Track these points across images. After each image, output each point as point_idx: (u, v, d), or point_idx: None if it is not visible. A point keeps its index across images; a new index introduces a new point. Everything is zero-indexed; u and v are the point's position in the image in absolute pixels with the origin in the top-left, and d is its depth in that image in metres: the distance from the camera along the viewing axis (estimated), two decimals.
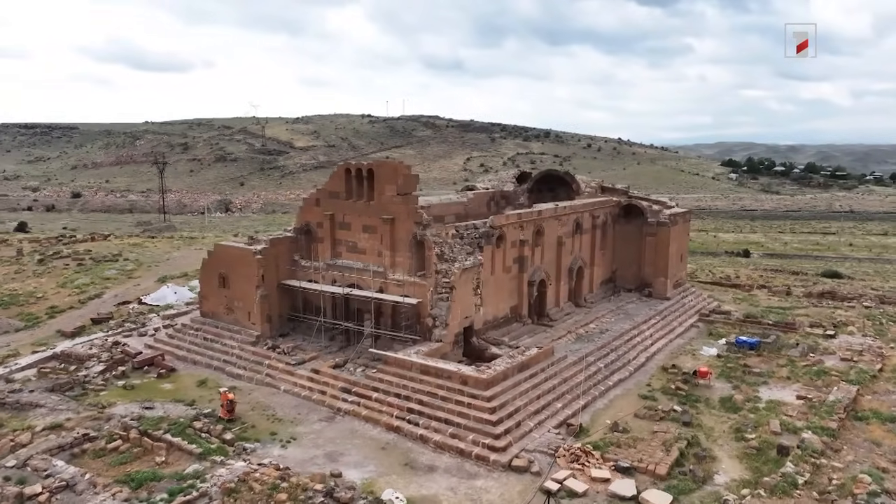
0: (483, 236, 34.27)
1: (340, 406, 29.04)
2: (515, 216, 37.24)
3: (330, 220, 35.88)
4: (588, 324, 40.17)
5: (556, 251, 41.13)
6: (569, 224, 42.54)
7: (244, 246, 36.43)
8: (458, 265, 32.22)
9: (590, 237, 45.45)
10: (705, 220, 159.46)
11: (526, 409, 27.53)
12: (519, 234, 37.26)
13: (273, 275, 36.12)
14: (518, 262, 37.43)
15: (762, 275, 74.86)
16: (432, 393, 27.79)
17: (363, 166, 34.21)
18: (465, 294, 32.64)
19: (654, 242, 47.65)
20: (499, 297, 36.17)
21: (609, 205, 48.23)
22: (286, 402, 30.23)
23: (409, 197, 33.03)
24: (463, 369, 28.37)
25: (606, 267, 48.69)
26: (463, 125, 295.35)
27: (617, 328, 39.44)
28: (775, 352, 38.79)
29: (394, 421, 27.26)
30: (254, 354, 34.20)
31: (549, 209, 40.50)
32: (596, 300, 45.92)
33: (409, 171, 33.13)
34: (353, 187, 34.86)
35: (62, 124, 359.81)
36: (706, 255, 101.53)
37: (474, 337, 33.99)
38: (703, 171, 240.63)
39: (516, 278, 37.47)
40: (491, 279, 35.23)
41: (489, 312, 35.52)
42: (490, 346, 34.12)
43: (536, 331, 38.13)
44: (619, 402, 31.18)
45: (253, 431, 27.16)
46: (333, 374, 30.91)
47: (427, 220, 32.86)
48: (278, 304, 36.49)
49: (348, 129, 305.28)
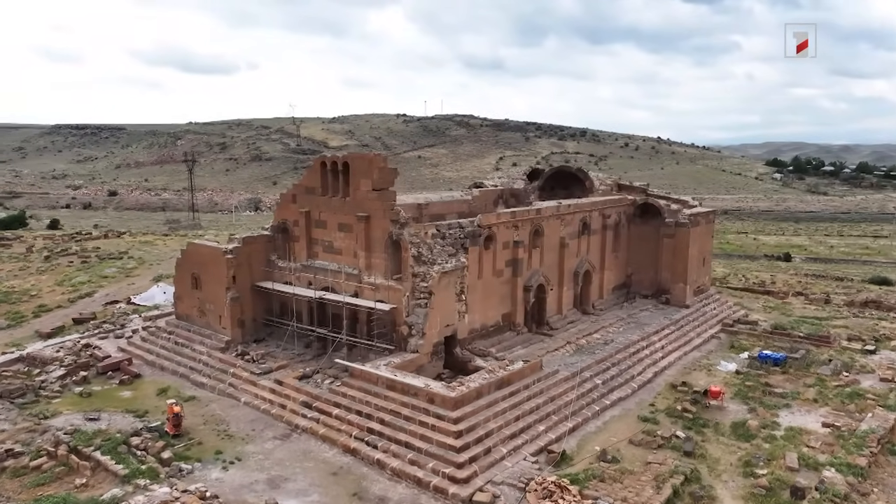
0: (468, 236, 31.11)
1: (299, 422, 26.29)
2: (508, 215, 33.95)
3: (305, 217, 33.23)
4: (592, 333, 36.57)
5: (558, 253, 37.65)
6: (574, 224, 38.98)
7: (215, 245, 34.07)
8: (437, 268, 29.15)
9: (599, 238, 41.76)
10: (745, 221, 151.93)
11: (500, 432, 24.26)
12: (512, 235, 33.95)
13: (246, 276, 33.66)
14: (512, 266, 34.13)
15: (801, 280, 69.46)
16: (396, 411, 24.79)
17: (339, 159, 31.40)
18: (446, 300, 29.55)
19: (672, 245, 43.62)
20: (488, 303, 32.96)
21: (623, 203, 44.41)
22: (243, 416, 27.64)
23: (385, 192, 30.10)
24: (431, 385, 25.28)
25: (620, 271, 44.88)
26: (497, 124, 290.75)
27: (623, 339, 35.72)
28: (803, 369, 34.52)
29: (351, 442, 24.36)
30: (220, 362, 31.76)
31: (550, 207, 37.06)
32: (606, 307, 42.21)
33: (384, 164, 30.18)
34: (329, 182, 32.13)
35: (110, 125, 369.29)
36: (743, 259, 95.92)
37: (458, 347, 30.88)
38: (746, 170, 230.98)
39: (509, 283, 34.17)
40: (478, 284, 32.04)
41: (476, 320, 32.34)
42: (475, 357, 30.97)
43: (532, 341, 34.77)
44: (615, 424, 27.61)
45: (197, 449, 24.62)
46: (296, 387, 28.19)
47: (405, 219, 29.87)
48: (252, 307, 34.02)
49: (382, 128, 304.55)
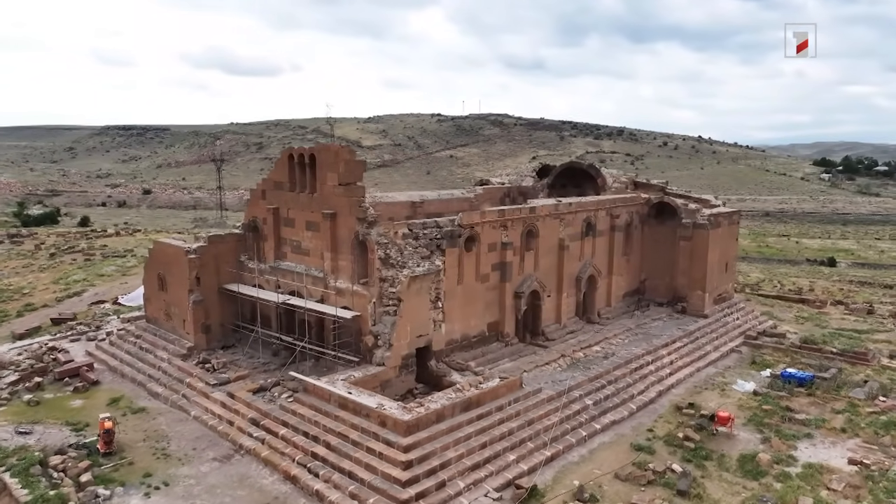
0: (445, 237, 28.00)
1: (244, 442, 23.61)
2: (495, 213, 30.67)
3: (274, 215, 30.65)
4: (592, 345, 33.00)
5: (556, 256, 34.17)
6: (576, 224, 35.44)
7: (179, 244, 31.76)
8: (406, 272, 26.14)
9: (606, 240, 38.08)
10: (788, 224, 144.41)
11: (460, 462, 21.10)
12: (500, 236, 30.68)
13: (212, 278, 31.27)
14: (499, 270, 30.85)
15: (843, 288, 64.02)
16: (344, 435, 21.88)
17: (305, 151, 28.69)
18: (418, 307, 26.53)
19: (689, 248, 39.59)
20: (470, 311, 29.77)
21: (635, 202, 40.59)
22: (189, 433, 25.12)
23: (352, 187, 27.24)
24: (386, 406, 22.27)
25: (632, 276, 41.07)
26: (532, 123, 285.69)
27: (626, 352, 32.06)
28: (833, 391, 30.33)
29: (293, 468, 21.54)
30: (179, 370, 29.40)
31: (546, 205, 33.62)
32: (614, 316, 38.50)
33: (351, 157, 27.31)
34: (296, 177, 29.47)
35: (155, 126, 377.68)
36: (783, 264, 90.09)
37: (433, 360, 27.82)
38: (792, 170, 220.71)
39: (496, 289, 30.89)
40: (458, 290, 28.90)
41: (456, 330, 29.20)
42: (452, 371, 27.85)
43: (523, 353, 31.43)
44: (603, 453, 24.13)
45: (125, 471, 22.16)
46: (247, 402, 25.54)
47: (373, 217, 26.95)
48: (220, 311, 31.60)
49: (416, 128, 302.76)
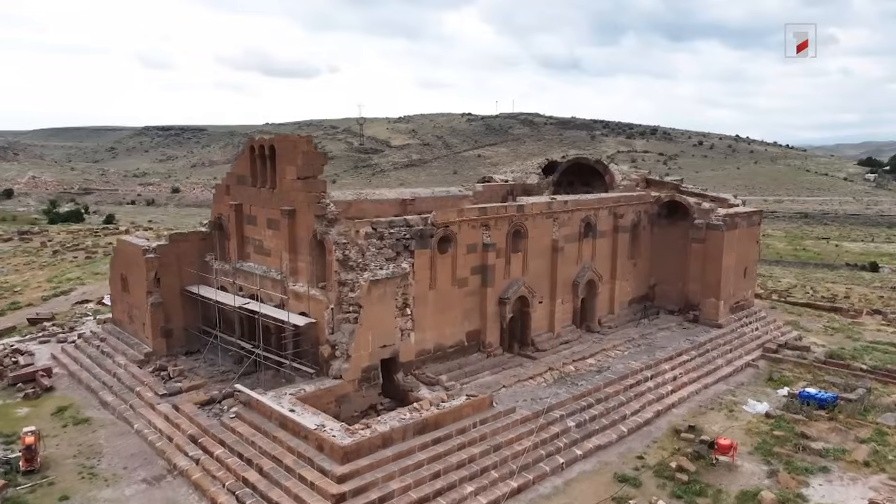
0: (414, 237, 25.33)
1: (179, 462, 21.33)
2: (475, 211, 27.86)
3: (236, 212, 28.44)
4: (586, 358, 29.95)
5: (549, 259, 31.22)
6: (572, 225, 32.39)
7: (140, 242, 29.79)
8: (367, 275, 23.58)
9: (609, 242, 34.91)
10: (829, 226, 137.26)
11: (405, 495, 18.42)
12: (481, 236, 27.87)
13: (175, 279, 29.22)
14: (480, 273, 28.04)
15: (883, 296, 59.15)
16: (279, 459, 19.43)
17: (266, 143, 26.37)
18: (380, 314, 23.94)
19: (702, 251, 36.11)
20: (446, 318, 27.04)
21: (643, 201, 37.28)
22: (126, 448, 22.97)
23: (310, 182, 24.77)
24: (328, 427, 19.71)
25: (639, 282, 37.78)
26: (562, 122, 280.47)
27: (622, 366, 28.92)
28: (859, 415, 26.74)
29: (221, 495, 19.15)
30: (132, 377, 27.39)
31: (537, 203, 30.69)
32: (618, 324, 35.31)
33: (310, 148, 24.84)
34: (258, 170, 27.19)
35: (192, 126, 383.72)
36: (820, 268, 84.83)
37: (400, 372, 25.20)
38: (834, 171, 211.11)
39: (476, 294, 28.10)
40: (430, 295, 26.21)
41: (429, 339, 26.52)
42: (420, 385, 25.19)
43: (507, 365, 28.58)
44: (581, 485, 21.16)
45: (41, 493, 20.09)
46: (190, 415, 23.30)
47: (333, 214, 24.45)
48: (182, 314, 29.52)
49: (446, 127, 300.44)
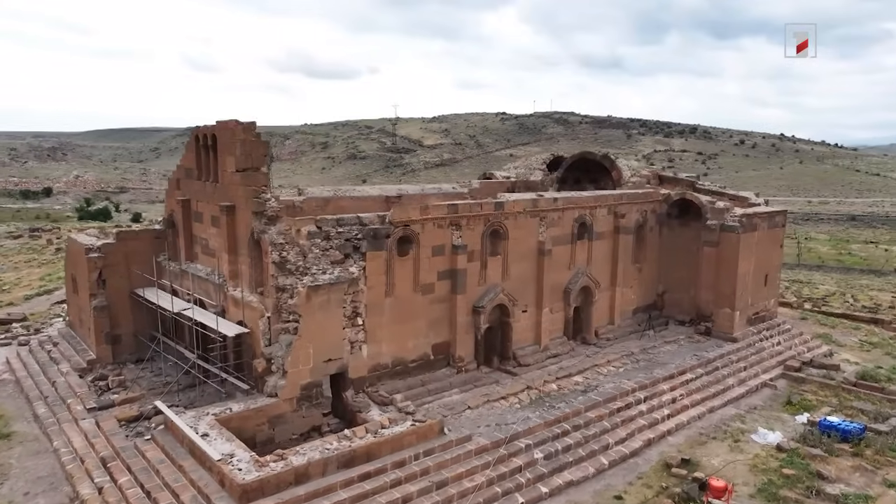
0: (367, 237, 22.38)
1: (82, 490, 18.81)
2: (443, 208, 24.72)
3: (184, 207, 26.02)
4: (573, 374, 26.55)
5: (534, 263, 27.90)
6: (563, 225, 29.00)
7: (86, 240, 27.62)
8: (307, 279, 20.78)
9: (609, 245, 31.37)
10: (878, 229, 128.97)
11: None
12: (450, 236, 24.75)
13: (123, 280, 26.96)
14: (449, 279, 24.91)
15: None
16: (177, 494, 16.75)
17: (208, 131, 23.80)
18: (324, 324, 21.10)
19: (715, 255, 32.25)
20: (407, 329, 24.01)
21: (650, 199, 33.59)
22: (36, 470, 20.61)
23: (250, 174, 22.07)
24: (236, 457, 16.94)
25: (645, 288, 34.10)
26: (598, 121, 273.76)
27: (611, 386, 25.44)
28: (889, 452, 22.72)
29: None
30: (68, 388, 25.19)
31: (519, 201, 27.38)
32: (619, 336, 31.76)
33: (250, 136, 22.10)
34: (202, 162, 24.68)
35: None
36: (865, 274, 78.71)
37: (350, 389, 22.33)
38: (887, 171, 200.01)
39: (445, 302, 24.98)
40: (387, 303, 23.23)
41: (385, 353, 23.54)
42: (372, 404, 22.27)
43: (480, 382, 25.39)
44: None
45: None
46: (108, 434, 20.86)
47: (273, 211, 21.72)
48: (132, 319, 27.25)
49: (479, 127, 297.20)
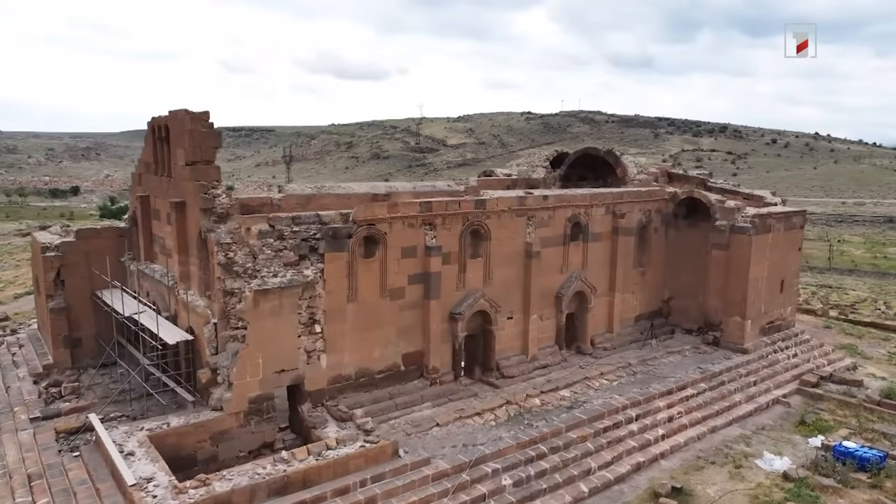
0: (325, 237, 20.48)
1: None
2: (414, 206, 22.66)
3: (142, 204, 24.47)
4: (560, 389, 24.31)
5: (521, 267, 25.71)
6: (555, 225, 26.74)
7: (46, 238, 26.26)
8: (256, 283, 18.97)
9: (607, 247, 29.02)
10: None
11: None
12: (422, 237, 22.72)
13: (83, 280, 25.49)
14: (422, 283, 22.86)
15: None
16: None
17: (162, 123, 22.16)
18: (275, 332, 19.26)
19: (725, 259, 29.65)
20: (372, 338, 22.04)
21: (654, 198, 31.11)
22: None
23: (200, 168, 20.30)
24: (154, 482, 15.19)
25: (649, 294, 31.64)
26: (625, 120, 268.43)
27: (601, 402, 23.14)
28: None
29: None
30: (19, 394, 23.80)
31: (504, 198, 25.19)
32: (618, 345, 29.41)
33: (201, 127, 20.29)
34: (159, 155, 23.08)
35: (261, 127, 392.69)
36: None
37: (307, 403, 20.47)
38: None
39: (417, 308, 22.93)
40: (350, 309, 21.29)
41: (349, 363, 21.61)
42: (330, 420, 20.36)
43: (456, 395, 23.31)
44: None
45: None
46: (41, 448, 19.30)
47: (223, 208, 19.95)
48: (94, 322, 25.79)
49: (503, 126, 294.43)
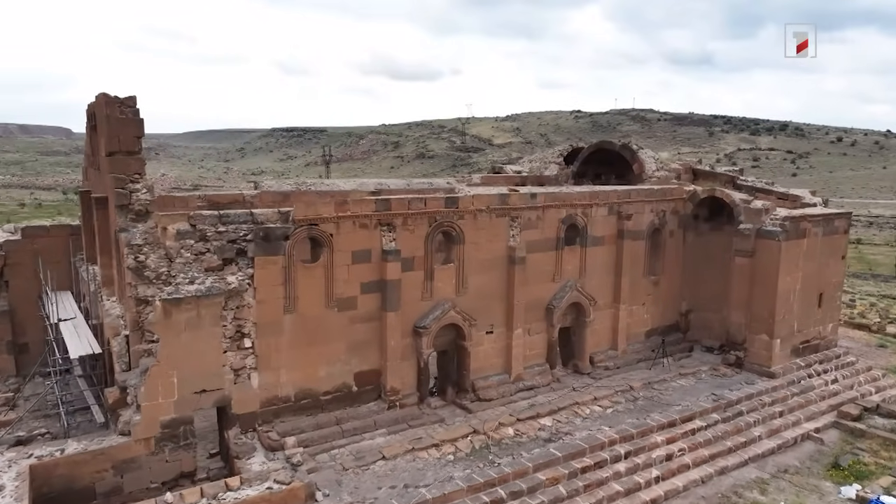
0: (256, 238, 17.87)
1: None
2: (368, 203, 19.76)
3: (83, 200, 22.55)
4: (541, 416, 21.05)
5: (502, 274, 22.53)
6: (545, 227, 23.43)
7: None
8: (169, 290, 16.54)
9: (610, 252, 25.49)
10: None
11: None
12: (378, 239, 19.86)
13: (30, 282, 23.97)
14: (378, 292, 19.95)
15: None
16: None
17: (91, 109, 20.02)
18: (194, 346, 16.77)
19: (749, 268, 25.65)
20: (317, 354, 19.29)
21: (669, 197, 27.34)
22: None
23: (119, 159, 17.91)
24: None
25: (663, 306, 27.90)
26: (677, 118, 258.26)
27: (584, 434, 19.78)
28: None
29: None
30: None
31: (481, 196, 22.00)
32: (623, 364, 25.87)
33: (118, 113, 17.93)
34: (94, 145, 21.04)
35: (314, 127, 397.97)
36: None
37: (235, 428, 17.95)
38: None
39: (372, 321, 20.03)
40: (288, 321, 18.60)
41: (287, 382, 18.92)
42: (259, 448, 17.78)
43: (419, 420, 20.37)
44: None
45: None
46: None
47: (142, 204, 17.58)
48: (42, 327, 24.07)
49: (551, 125, 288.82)
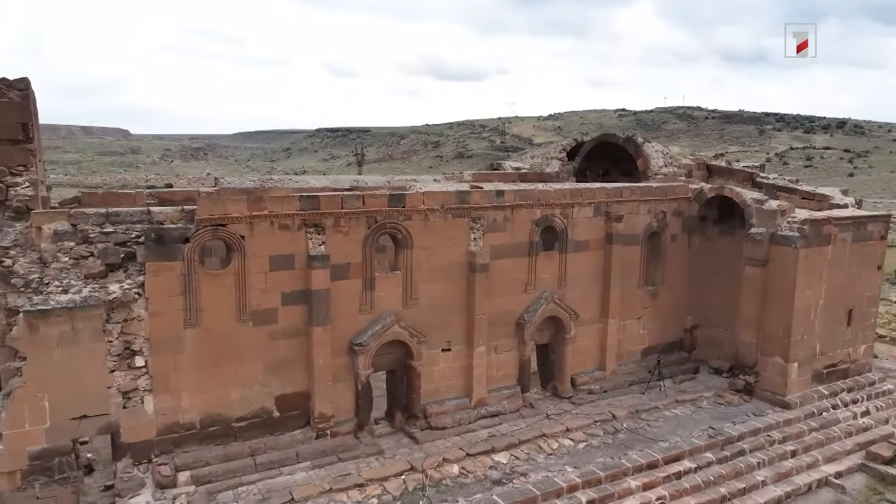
0: (147, 240, 15.38)
1: None
2: (291, 201, 17.04)
3: None
4: (497, 451, 17.96)
5: (461, 283, 19.54)
6: (515, 229, 20.33)
7: None
8: (38, 300, 14.25)
9: (597, 259, 22.18)
10: None
11: None
12: (304, 242, 17.14)
13: None
14: (303, 303, 17.25)
15: None
16: None
17: None
18: (70, 366, 14.49)
19: (761, 279, 21.92)
20: (228, 374, 16.69)
21: (671, 196, 23.82)
22: None
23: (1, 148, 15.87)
24: None
25: (664, 321, 24.38)
26: (726, 116, 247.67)
27: (541, 476, 16.62)
28: None
29: None
30: None
31: (433, 193, 19.04)
32: (612, 387, 22.56)
33: (2, 96, 15.73)
34: None
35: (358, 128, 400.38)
36: None
37: (126, 459, 15.56)
38: None
39: (298, 336, 17.32)
40: (189, 336, 16.05)
41: (190, 407, 16.36)
42: (148, 485, 15.34)
43: (353, 450, 17.58)
44: None
45: None
46: None
47: (20, 201, 15.35)
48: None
49: (594, 124, 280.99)
